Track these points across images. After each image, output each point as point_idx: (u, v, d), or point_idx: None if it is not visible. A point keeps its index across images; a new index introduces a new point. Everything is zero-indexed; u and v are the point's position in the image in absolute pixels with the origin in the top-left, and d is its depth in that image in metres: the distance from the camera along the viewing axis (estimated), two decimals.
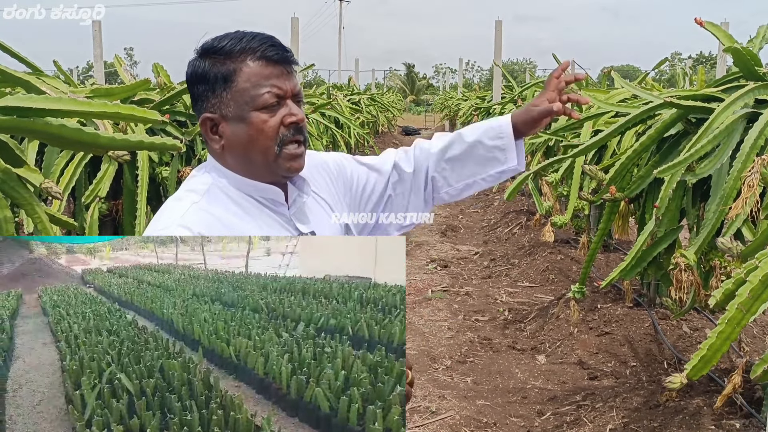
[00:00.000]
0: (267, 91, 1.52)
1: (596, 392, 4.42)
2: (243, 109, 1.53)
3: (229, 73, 1.53)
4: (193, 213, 1.52)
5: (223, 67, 1.54)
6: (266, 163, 1.56)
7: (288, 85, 1.55)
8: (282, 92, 1.54)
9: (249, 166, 1.58)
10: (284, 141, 1.54)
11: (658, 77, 33.41)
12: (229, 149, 1.58)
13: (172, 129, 3.98)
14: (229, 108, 1.55)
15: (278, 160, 1.56)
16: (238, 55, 1.53)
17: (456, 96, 24.67)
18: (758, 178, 2.13)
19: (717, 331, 1.82)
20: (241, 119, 1.54)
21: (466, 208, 11.56)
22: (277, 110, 1.54)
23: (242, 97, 1.53)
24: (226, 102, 1.55)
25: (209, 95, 1.57)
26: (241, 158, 1.58)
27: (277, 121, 1.54)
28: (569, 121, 5.45)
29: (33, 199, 2.27)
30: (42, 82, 3.04)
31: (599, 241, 4.08)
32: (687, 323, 5.11)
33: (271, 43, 1.55)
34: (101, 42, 9.51)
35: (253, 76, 1.53)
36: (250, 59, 1.53)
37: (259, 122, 1.53)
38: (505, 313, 6.15)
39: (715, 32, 3.60)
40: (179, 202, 1.57)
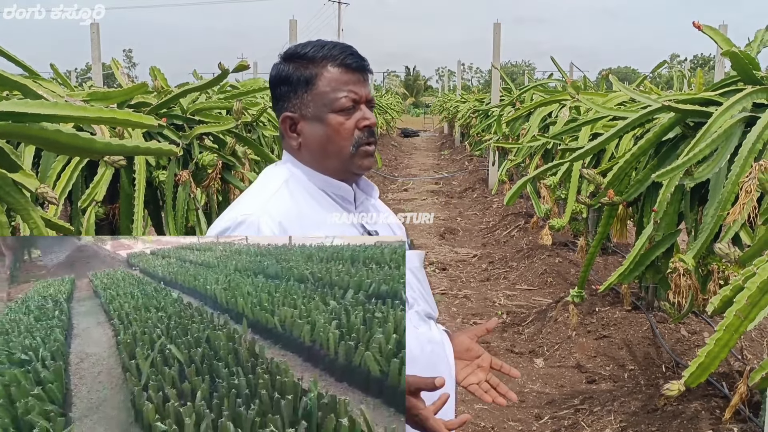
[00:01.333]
0: (345, 96, 1.67)
1: (594, 396, 4.41)
2: (321, 110, 1.68)
3: (311, 77, 1.68)
4: (275, 202, 1.67)
5: (305, 71, 1.69)
6: (341, 161, 1.70)
7: (363, 91, 1.70)
8: (358, 97, 1.68)
9: (324, 163, 1.72)
10: (359, 142, 1.69)
11: (657, 80, 33.47)
12: (305, 147, 1.72)
13: (169, 132, 3.97)
14: (308, 109, 1.69)
15: (353, 159, 1.69)
16: (320, 61, 1.68)
17: (455, 98, 24.69)
18: (756, 184, 2.12)
19: (715, 338, 1.81)
20: (320, 120, 1.68)
21: (465, 211, 11.56)
22: (352, 113, 1.68)
23: (321, 99, 1.67)
24: (306, 103, 1.69)
25: (291, 96, 1.71)
26: (317, 155, 1.71)
27: (352, 123, 1.68)
28: (567, 125, 5.45)
29: (29, 204, 2.26)
30: (39, 86, 3.03)
31: (598, 245, 4.07)
32: (685, 327, 5.11)
33: (350, 52, 1.70)
34: (99, 44, 9.52)
35: (333, 81, 1.67)
36: (331, 65, 1.68)
37: (336, 124, 1.67)
38: (504, 316, 6.14)
39: (713, 36, 3.60)
40: (263, 190, 1.73)
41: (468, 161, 17.86)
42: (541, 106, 6.95)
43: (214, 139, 4.34)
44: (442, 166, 19.06)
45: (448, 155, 21.45)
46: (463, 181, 14.95)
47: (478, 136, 13.43)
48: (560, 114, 6.24)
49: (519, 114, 7.72)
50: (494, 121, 9.35)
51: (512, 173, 9.67)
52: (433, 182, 15.44)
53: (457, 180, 15.39)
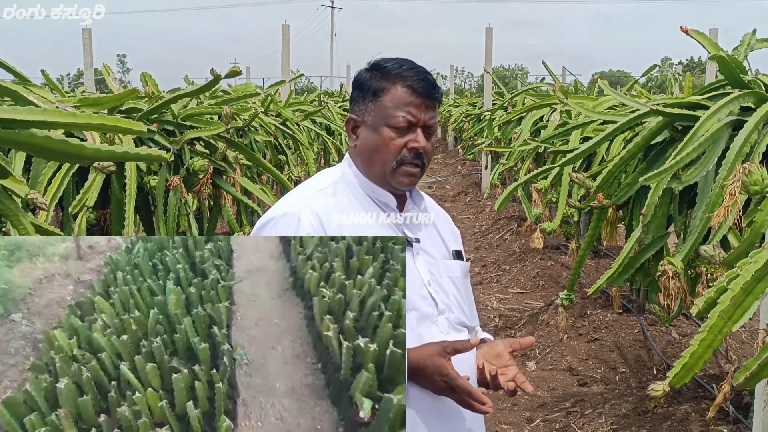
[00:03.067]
0: (402, 115, 1.77)
1: (586, 399, 4.43)
2: (379, 122, 1.79)
3: (380, 89, 1.80)
4: (318, 198, 1.79)
5: (377, 83, 1.81)
6: (383, 172, 1.80)
7: (423, 116, 1.78)
8: (415, 120, 1.77)
9: (370, 169, 1.83)
10: (403, 161, 1.78)
11: (650, 83, 33.57)
12: (359, 150, 1.85)
13: (160, 138, 3.97)
14: (369, 116, 1.81)
15: (394, 174, 1.79)
16: (393, 77, 1.79)
17: (447, 102, 24.73)
18: (740, 187, 2.14)
19: (699, 339, 1.83)
20: (375, 129, 1.80)
21: (458, 215, 11.58)
22: (405, 133, 1.77)
23: (382, 112, 1.79)
24: (369, 111, 1.81)
25: (359, 101, 1.84)
26: (366, 161, 1.83)
27: (402, 142, 1.77)
28: (558, 129, 5.47)
29: (19, 210, 2.26)
30: (29, 92, 3.04)
31: (587, 248, 4.09)
32: (676, 329, 5.14)
33: (423, 77, 1.80)
34: (92, 50, 9.52)
35: (397, 98, 1.78)
36: (400, 84, 1.79)
37: (387, 138, 1.77)
38: (496, 320, 6.15)
39: (701, 40, 3.62)
40: (306, 188, 1.85)
41: (461, 165, 17.89)
42: (533, 110, 6.98)
43: (205, 144, 4.35)
44: (435, 170, 19.07)
45: (441, 159, 21.47)
46: (456, 185, 14.98)
47: (470, 140, 13.47)
48: (551, 118, 6.27)
49: (511, 118, 7.75)
50: (486, 125, 9.38)
51: (504, 177, 9.70)
52: (427, 186, 15.46)
53: (450, 184, 15.42)
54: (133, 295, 2.19)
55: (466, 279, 1.95)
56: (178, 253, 2.43)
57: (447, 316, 1.81)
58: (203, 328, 2.01)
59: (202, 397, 1.72)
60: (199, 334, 1.96)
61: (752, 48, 3.75)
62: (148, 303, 2.15)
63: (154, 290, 2.23)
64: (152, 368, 1.78)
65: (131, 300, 2.18)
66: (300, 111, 8.63)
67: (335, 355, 1.76)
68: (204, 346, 1.85)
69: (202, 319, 2.01)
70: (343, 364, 1.69)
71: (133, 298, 2.18)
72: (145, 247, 2.57)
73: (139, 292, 2.20)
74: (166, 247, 2.52)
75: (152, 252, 2.53)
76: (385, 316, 1.77)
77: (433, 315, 1.78)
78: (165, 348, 1.88)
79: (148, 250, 2.55)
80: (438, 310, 1.80)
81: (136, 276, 2.36)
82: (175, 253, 2.43)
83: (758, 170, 2.13)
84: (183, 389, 1.71)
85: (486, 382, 1.78)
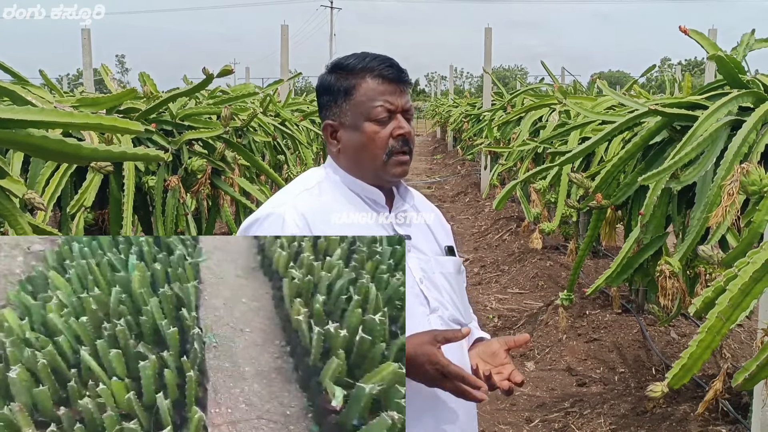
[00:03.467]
0: (380, 105, 1.75)
1: (584, 399, 4.42)
2: (358, 119, 1.76)
3: (350, 87, 1.77)
4: (304, 198, 1.77)
5: (345, 82, 1.78)
6: (374, 168, 1.78)
7: (399, 102, 1.77)
8: (393, 107, 1.76)
9: (359, 169, 1.80)
10: (393, 151, 1.76)
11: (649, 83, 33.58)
12: (343, 153, 1.81)
13: (158, 138, 3.97)
14: (346, 117, 1.78)
15: (386, 167, 1.77)
16: (359, 72, 1.77)
17: (447, 103, 24.72)
18: (738, 187, 2.14)
19: (697, 340, 1.83)
20: (356, 128, 1.77)
21: (457, 215, 11.57)
22: (387, 123, 1.76)
23: (358, 108, 1.76)
24: (345, 112, 1.78)
25: (332, 105, 1.80)
26: (353, 161, 1.80)
27: (387, 132, 1.76)
28: (557, 129, 5.47)
29: (16, 210, 2.26)
30: (27, 92, 3.03)
31: (586, 248, 4.09)
32: (675, 329, 5.13)
33: (389, 63, 1.78)
34: (90, 50, 9.52)
35: (370, 91, 1.76)
36: (369, 76, 1.76)
37: (371, 132, 1.75)
38: (495, 320, 6.15)
39: (700, 40, 3.62)
40: (293, 186, 1.84)
41: (460, 165, 17.89)
42: (532, 111, 6.97)
43: (203, 144, 4.34)
44: (434, 170, 19.08)
45: (441, 159, 21.48)
46: (455, 186, 14.98)
47: (469, 140, 13.46)
48: (550, 118, 6.27)
49: (510, 118, 7.75)
50: (486, 125, 9.37)
51: (504, 177, 9.70)
52: (426, 186, 15.46)
53: (450, 184, 15.42)
54: (92, 270, 2.02)
55: (460, 275, 1.93)
56: None
57: (440, 314, 1.78)
58: (170, 309, 1.88)
59: (172, 386, 1.61)
60: (167, 316, 1.83)
61: (751, 48, 3.76)
62: (108, 280, 1.99)
63: (116, 265, 2.07)
64: (116, 354, 1.64)
65: (90, 276, 2.01)
66: (299, 111, 8.62)
67: (305, 339, 1.71)
68: (173, 330, 1.73)
69: (169, 300, 1.88)
70: (313, 350, 1.64)
71: (92, 274, 2.01)
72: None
73: (99, 268, 2.03)
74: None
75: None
76: (353, 301, 1.73)
77: (425, 313, 1.75)
78: (129, 331, 1.75)
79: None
80: (430, 308, 1.77)
81: (95, 248, 2.16)
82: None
83: (756, 170, 2.13)
84: (150, 377, 1.59)
85: None
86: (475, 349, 1.81)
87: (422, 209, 1.95)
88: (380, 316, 1.64)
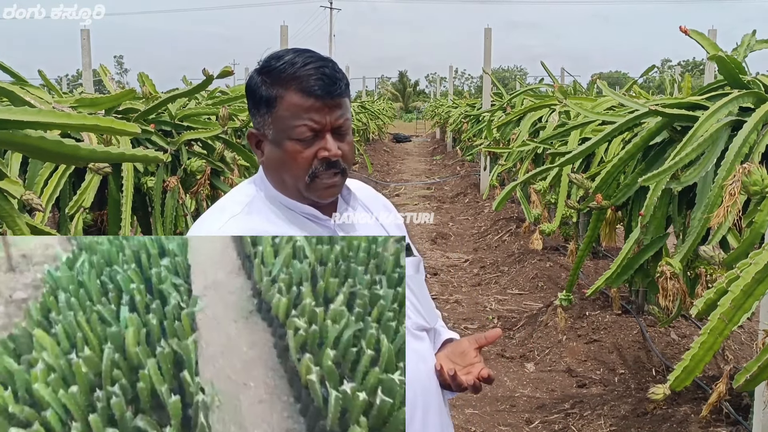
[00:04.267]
0: (303, 124, 1.53)
1: (585, 400, 4.41)
2: (280, 135, 1.56)
3: (272, 99, 1.56)
4: (231, 225, 1.60)
5: (268, 90, 1.56)
6: (297, 188, 1.59)
7: (328, 119, 1.54)
8: (319, 126, 1.54)
9: (283, 187, 1.62)
10: (316, 173, 1.56)
11: (649, 84, 33.59)
12: (267, 167, 1.64)
13: (157, 139, 3.96)
14: (270, 130, 1.58)
15: (309, 188, 1.58)
16: (285, 81, 1.54)
17: (446, 103, 24.72)
18: (739, 187, 2.13)
19: (700, 342, 1.82)
20: (278, 144, 1.57)
21: (457, 216, 11.56)
22: (312, 142, 1.55)
23: (280, 124, 1.55)
24: (267, 124, 1.58)
25: (256, 113, 1.61)
26: (277, 178, 1.62)
27: (310, 153, 1.55)
28: (557, 130, 5.46)
29: (14, 211, 2.25)
30: (26, 93, 3.02)
31: (586, 249, 4.08)
32: (675, 330, 5.12)
33: (320, 74, 1.54)
34: (90, 51, 9.50)
35: (293, 106, 1.54)
36: (294, 88, 1.53)
37: (293, 152, 1.55)
38: (495, 321, 6.14)
39: (700, 40, 3.62)
40: (221, 213, 1.64)
41: (460, 166, 17.88)
42: (532, 111, 6.97)
43: (202, 145, 4.33)
44: (433, 171, 19.07)
45: (440, 160, 21.47)
46: (454, 186, 14.96)
47: (469, 141, 13.46)
48: (550, 119, 6.26)
49: (509, 119, 7.74)
50: (485, 126, 9.36)
51: (503, 178, 9.69)
52: (425, 187, 15.45)
53: (449, 185, 15.41)
54: (81, 325, 1.81)
55: (420, 275, 1.80)
56: (130, 269, 2.07)
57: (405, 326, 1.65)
58: (169, 370, 1.66)
59: None
60: (166, 380, 1.62)
61: (752, 49, 3.75)
62: (99, 336, 1.79)
63: (106, 318, 1.86)
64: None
65: (78, 332, 1.79)
66: None
67: (318, 399, 1.55)
68: (175, 399, 1.53)
69: (167, 358, 1.67)
70: (331, 414, 1.48)
71: (80, 330, 1.80)
72: (90, 261, 2.17)
73: (89, 323, 1.83)
74: (116, 262, 2.16)
75: (100, 267, 2.15)
76: (366, 356, 1.55)
77: None
78: (125, 399, 1.55)
79: (94, 265, 2.16)
80: None
81: (83, 298, 1.97)
82: (126, 269, 2.07)
83: (758, 170, 2.12)
84: None
85: (447, 384, 1.68)
86: (444, 350, 1.74)
87: (373, 208, 1.79)
88: (399, 375, 1.49)
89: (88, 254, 2.23)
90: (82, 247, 2.32)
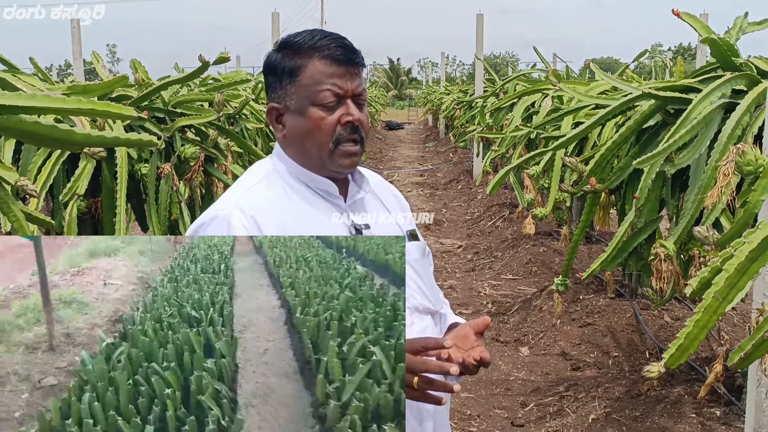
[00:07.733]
0: (327, 89, 1.59)
1: (579, 383, 4.44)
2: (303, 103, 1.61)
3: (296, 68, 1.61)
4: (249, 196, 1.63)
5: (291, 62, 1.62)
6: (320, 157, 1.63)
7: (349, 85, 1.61)
8: (342, 92, 1.60)
9: (305, 158, 1.66)
10: (340, 139, 1.61)
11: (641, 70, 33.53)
12: (289, 139, 1.67)
13: (150, 125, 3.95)
14: (292, 101, 1.63)
15: (332, 156, 1.62)
16: (307, 51, 1.61)
17: (439, 90, 24.67)
18: (733, 167, 2.14)
19: (694, 320, 1.83)
20: (301, 113, 1.61)
21: (450, 202, 11.58)
22: (335, 108, 1.60)
23: (304, 92, 1.61)
24: (290, 95, 1.63)
25: (277, 86, 1.65)
26: (299, 149, 1.66)
27: (334, 119, 1.60)
28: (550, 115, 5.47)
29: (8, 198, 2.24)
30: (18, 80, 3.01)
31: (581, 233, 4.09)
32: (668, 313, 5.16)
33: (340, 43, 1.62)
34: (80, 39, 9.43)
35: (317, 73, 1.60)
36: (317, 57, 1.60)
37: (317, 118, 1.60)
38: (489, 306, 6.16)
39: (693, 23, 3.62)
40: (240, 183, 1.70)
41: (453, 153, 17.89)
42: (524, 96, 6.96)
43: (196, 131, 4.32)
44: (426, 158, 19.07)
45: (433, 147, 21.47)
46: (447, 173, 14.97)
47: (462, 127, 13.45)
48: (543, 104, 6.26)
49: (502, 104, 7.73)
50: (478, 112, 9.35)
51: (497, 164, 9.69)
52: (418, 174, 15.46)
53: (442, 172, 15.41)
54: None
55: (425, 259, 1.84)
56: (169, 369, 1.96)
57: (409, 305, 1.71)
58: None
59: None
60: None
61: (744, 31, 3.76)
62: None
63: None
64: None
65: None
66: None
67: None
68: None
69: None
70: None
71: None
72: (128, 354, 2.10)
73: None
74: (155, 358, 2.08)
75: (138, 362, 2.07)
76: None
77: None
78: None
79: (132, 358, 2.08)
80: None
81: (109, 402, 1.84)
82: (165, 368, 1.97)
83: (752, 150, 2.13)
84: None
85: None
86: (450, 334, 1.76)
87: (381, 194, 1.83)
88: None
89: (129, 344, 2.19)
90: (125, 334, 2.29)
